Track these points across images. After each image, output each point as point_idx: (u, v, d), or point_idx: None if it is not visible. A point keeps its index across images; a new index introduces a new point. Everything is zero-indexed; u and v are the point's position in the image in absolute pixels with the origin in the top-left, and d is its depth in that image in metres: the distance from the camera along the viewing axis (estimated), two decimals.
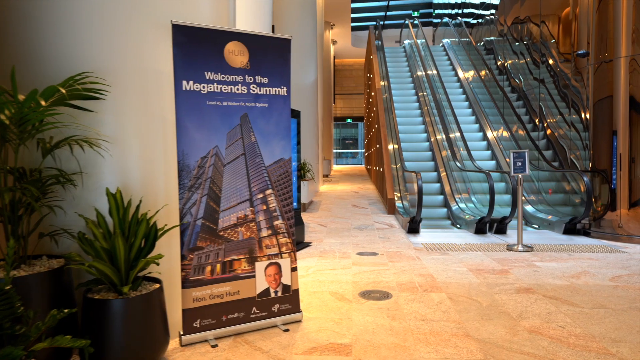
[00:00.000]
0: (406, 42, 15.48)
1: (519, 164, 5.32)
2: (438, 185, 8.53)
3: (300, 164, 9.13)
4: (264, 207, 2.86)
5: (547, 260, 4.61)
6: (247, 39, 2.78)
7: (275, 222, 2.89)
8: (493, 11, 11.49)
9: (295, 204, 5.55)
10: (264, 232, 2.86)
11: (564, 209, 7.07)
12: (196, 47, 2.62)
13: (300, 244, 5.48)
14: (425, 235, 6.15)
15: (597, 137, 6.19)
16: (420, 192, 6.10)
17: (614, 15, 5.95)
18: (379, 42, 15.16)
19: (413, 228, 6.35)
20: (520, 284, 3.76)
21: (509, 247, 5.27)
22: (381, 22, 23.83)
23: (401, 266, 4.39)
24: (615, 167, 5.89)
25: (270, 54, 2.87)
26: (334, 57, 26.21)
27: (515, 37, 9.82)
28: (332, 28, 22.02)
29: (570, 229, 6.24)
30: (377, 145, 12.06)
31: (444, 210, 7.91)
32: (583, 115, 6.57)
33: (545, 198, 7.54)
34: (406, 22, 15.82)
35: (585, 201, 6.18)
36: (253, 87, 2.82)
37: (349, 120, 31.60)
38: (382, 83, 12.54)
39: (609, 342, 2.62)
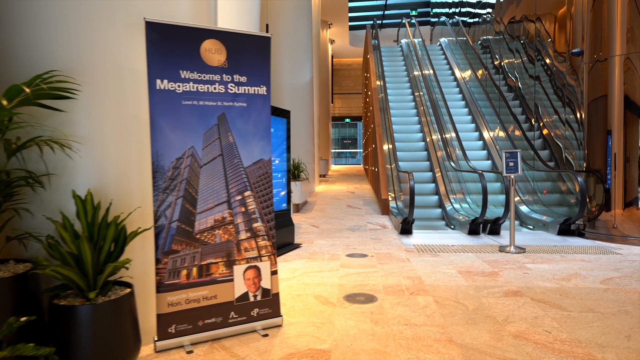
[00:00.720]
0: (403, 41, 15.41)
1: (511, 164, 5.25)
2: (433, 185, 8.46)
3: (292, 164, 9.07)
4: (243, 209, 2.79)
5: (539, 262, 4.53)
6: (224, 36, 2.71)
7: (255, 225, 2.83)
8: (490, 10, 11.42)
9: (284, 204, 5.48)
10: (243, 235, 2.79)
11: (560, 210, 7.00)
12: (171, 45, 2.55)
13: (289, 245, 5.41)
14: (418, 237, 6.07)
15: (591, 137, 6.12)
16: (412, 193, 6.03)
17: (609, 14, 5.88)
18: (376, 42, 15.08)
19: (405, 229, 6.28)
20: (509, 287, 3.69)
21: (501, 249, 5.20)
22: (379, 22, 23.76)
23: (390, 268, 4.32)
24: (609, 167, 5.82)
25: (249, 52, 2.81)
26: (332, 56, 26.12)
27: (511, 36, 9.74)
28: (329, 27, 21.95)
29: (565, 230, 6.17)
30: (373, 145, 12.00)
31: (439, 210, 7.84)
32: (578, 115, 6.50)
33: (541, 198, 7.47)
34: (403, 21, 15.75)
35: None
36: (231, 86, 2.75)
37: (347, 120, 31.53)
38: (378, 82, 12.47)
39: (595, 347, 2.55)
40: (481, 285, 3.75)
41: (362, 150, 30.18)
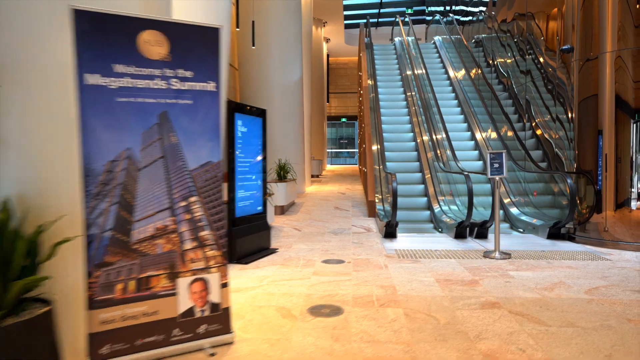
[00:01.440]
0: (397, 39, 15.16)
1: (496, 165, 5.00)
2: (422, 186, 8.21)
3: (278, 165, 8.83)
4: (188, 217, 2.55)
5: (523, 269, 4.29)
6: (166, 27, 2.47)
7: (201, 233, 2.59)
8: (483, 8, 11.17)
9: (260, 207, 5.24)
10: (188, 245, 2.55)
11: (552, 212, 6.76)
12: (102, 36, 2.31)
13: (264, 250, 5.17)
14: (402, 240, 5.84)
15: (582, 137, 5.88)
16: (394, 195, 5.79)
17: (599, 10, 5.63)
18: (368, 40, 14.83)
19: (389, 232, 6.03)
20: (487, 298, 3.45)
21: (486, 254, 4.95)
22: (374, 20, 23.49)
23: (364, 276, 4.08)
24: (600, 167, 5.58)
25: (195, 45, 2.57)
26: (328, 55, 25.85)
27: (505, 35, 9.50)
28: (324, 26, 21.68)
29: (554, 234, 5.92)
30: (364, 145, 11.76)
31: (427, 212, 7.60)
32: (570, 114, 6.26)
33: (532, 200, 7.22)
34: (396, 19, 15.51)
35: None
36: (174, 81, 2.51)
37: (343, 120, 31.26)
38: (369, 82, 12.22)
39: None
40: (458, 295, 3.51)
41: (357, 150, 29.90)
